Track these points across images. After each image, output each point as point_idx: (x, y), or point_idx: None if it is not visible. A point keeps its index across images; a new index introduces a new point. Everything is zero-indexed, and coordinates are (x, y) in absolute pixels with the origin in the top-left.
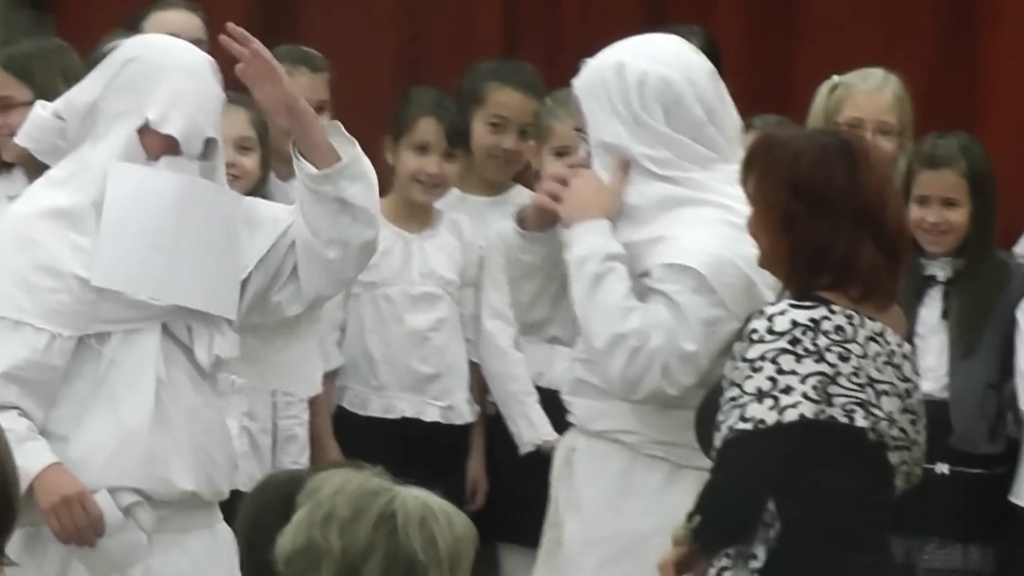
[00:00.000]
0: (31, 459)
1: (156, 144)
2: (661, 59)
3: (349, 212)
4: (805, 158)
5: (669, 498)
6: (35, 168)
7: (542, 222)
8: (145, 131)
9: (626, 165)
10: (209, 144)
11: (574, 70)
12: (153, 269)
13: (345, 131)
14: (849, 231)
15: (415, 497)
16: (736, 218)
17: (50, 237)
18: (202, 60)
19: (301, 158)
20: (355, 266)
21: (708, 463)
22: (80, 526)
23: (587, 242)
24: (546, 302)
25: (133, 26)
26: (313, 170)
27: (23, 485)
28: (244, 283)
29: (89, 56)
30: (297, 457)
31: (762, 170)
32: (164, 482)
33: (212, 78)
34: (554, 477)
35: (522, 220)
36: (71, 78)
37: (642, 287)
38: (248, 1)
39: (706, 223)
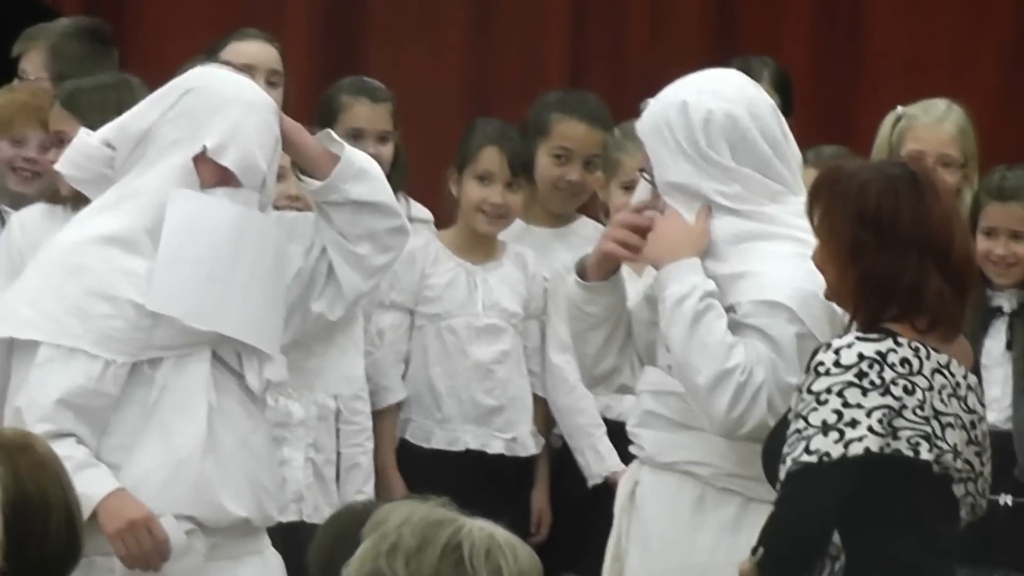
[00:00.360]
0: (94, 486)
1: (212, 174)
2: (724, 96)
3: (366, 209)
4: (872, 188)
5: (740, 532)
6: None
7: (605, 271)
8: (201, 159)
9: (708, 208)
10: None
11: (640, 100)
12: (207, 298)
13: (336, 136)
14: (916, 261)
15: (481, 528)
16: (810, 251)
17: (102, 263)
18: (264, 97)
19: (303, 176)
20: (386, 254)
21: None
22: (146, 550)
23: (685, 280)
24: (614, 351)
25: (212, 56)
26: (315, 184)
27: (86, 512)
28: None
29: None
30: (361, 486)
31: (828, 201)
32: (217, 509)
33: (272, 117)
34: (617, 510)
35: (582, 271)
36: None
37: (730, 321)
38: (314, 34)
39: (785, 257)
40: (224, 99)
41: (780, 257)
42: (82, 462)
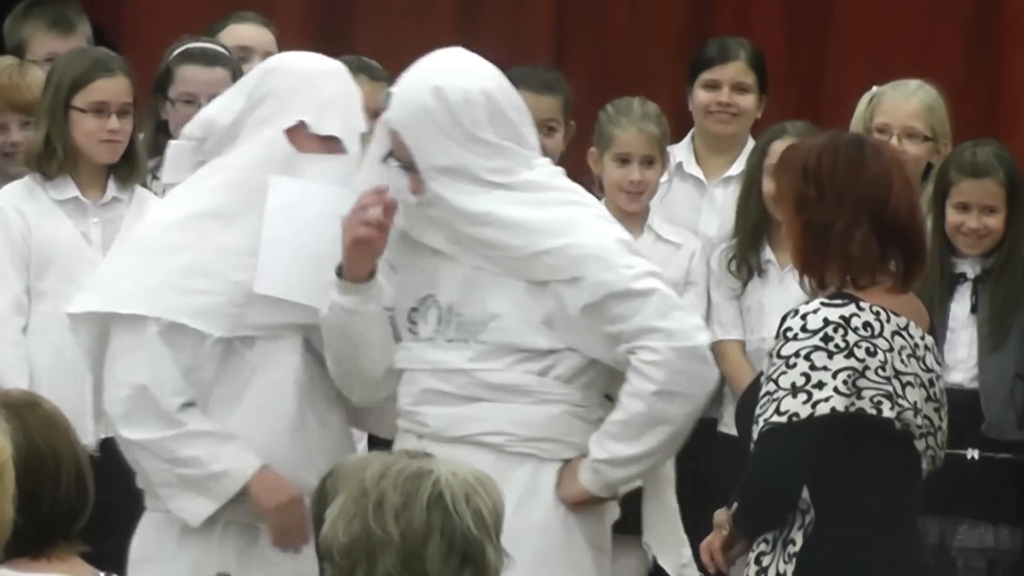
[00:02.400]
0: (242, 460)
1: (314, 144)
2: (474, 73)
3: None
4: (815, 149)
5: (538, 491)
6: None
7: (367, 266)
8: (296, 133)
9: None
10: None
11: (621, 76)
12: (308, 277)
13: None
14: (850, 212)
15: (454, 474)
16: (590, 205)
17: (199, 240)
18: (335, 63)
19: None
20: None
21: (571, 455)
22: (300, 527)
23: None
24: (390, 346)
25: (210, 37)
26: None
27: (235, 485)
28: None
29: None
30: None
31: (782, 170)
32: (303, 486)
33: (349, 76)
34: None
35: (340, 271)
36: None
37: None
38: (305, 15)
39: (590, 219)
40: (306, 73)
41: (586, 220)
42: (222, 435)
